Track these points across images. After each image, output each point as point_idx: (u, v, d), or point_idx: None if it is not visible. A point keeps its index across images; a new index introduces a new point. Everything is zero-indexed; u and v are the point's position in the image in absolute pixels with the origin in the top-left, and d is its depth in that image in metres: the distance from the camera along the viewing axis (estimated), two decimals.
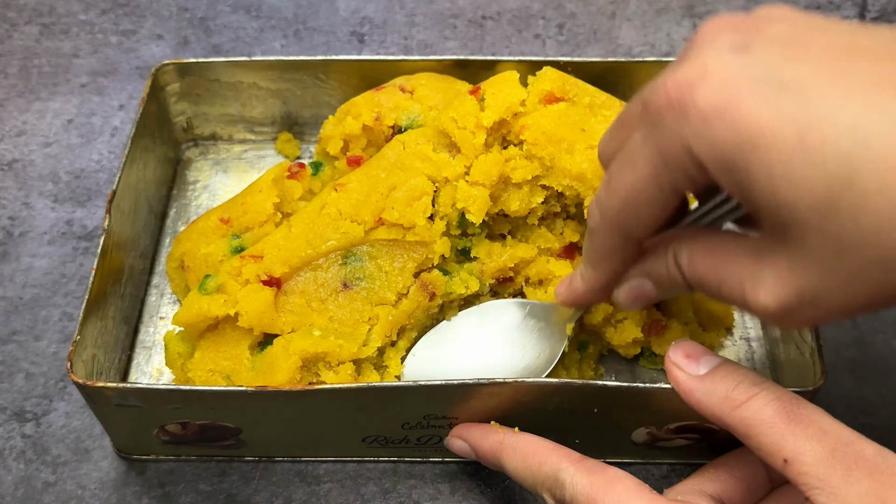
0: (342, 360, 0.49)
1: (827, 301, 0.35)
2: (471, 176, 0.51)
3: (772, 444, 0.38)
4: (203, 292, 0.50)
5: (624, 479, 0.41)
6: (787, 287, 0.36)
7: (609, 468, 0.42)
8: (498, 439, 0.47)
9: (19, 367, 0.58)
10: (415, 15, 0.80)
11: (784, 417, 0.38)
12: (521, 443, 0.46)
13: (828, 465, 0.37)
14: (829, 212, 0.33)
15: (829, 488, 0.36)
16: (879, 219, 0.32)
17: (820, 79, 0.33)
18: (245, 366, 0.50)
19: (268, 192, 0.55)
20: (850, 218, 0.32)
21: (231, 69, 0.63)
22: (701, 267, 0.39)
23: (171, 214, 0.65)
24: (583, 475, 0.42)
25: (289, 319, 0.50)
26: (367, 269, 0.51)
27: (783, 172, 0.33)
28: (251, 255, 0.51)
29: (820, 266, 0.34)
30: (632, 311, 0.52)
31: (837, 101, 0.33)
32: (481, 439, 0.48)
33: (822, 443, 0.37)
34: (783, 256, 0.36)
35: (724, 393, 0.40)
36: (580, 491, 0.41)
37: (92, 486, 0.53)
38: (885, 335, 0.59)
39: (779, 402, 0.39)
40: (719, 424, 0.41)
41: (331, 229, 0.51)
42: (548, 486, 0.43)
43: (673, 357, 0.42)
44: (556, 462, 0.43)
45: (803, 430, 0.38)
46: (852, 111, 0.32)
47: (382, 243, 0.51)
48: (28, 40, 0.78)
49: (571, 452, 0.44)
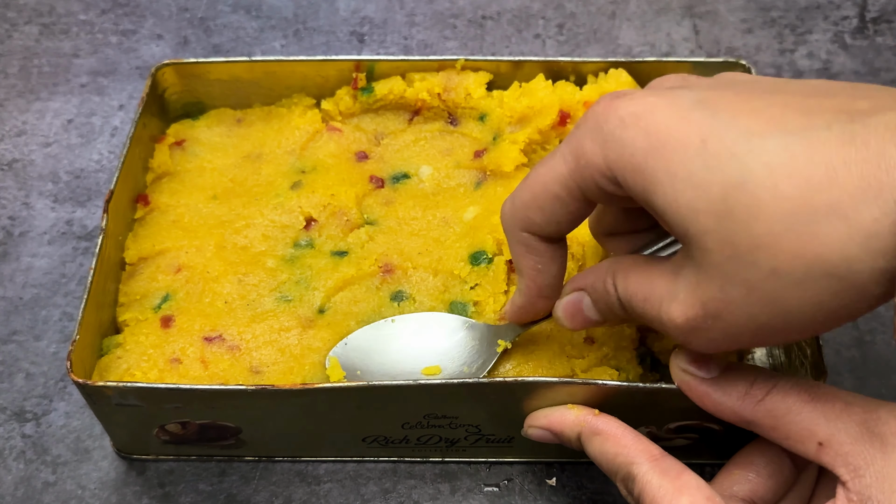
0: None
1: (730, 315, 0.35)
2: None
3: (803, 430, 0.38)
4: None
5: (693, 491, 0.40)
6: (693, 300, 0.36)
7: (684, 473, 0.41)
8: (578, 422, 0.45)
9: (19, 367, 0.58)
10: (415, 15, 0.80)
11: (808, 400, 0.38)
12: (600, 427, 0.45)
13: (865, 443, 0.36)
14: (725, 215, 0.33)
15: (873, 467, 0.36)
16: (772, 224, 0.32)
17: (735, 102, 0.35)
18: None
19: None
20: (743, 221, 0.33)
21: (231, 69, 0.63)
22: (631, 284, 0.40)
23: None
24: (656, 475, 0.41)
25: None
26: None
27: (685, 175, 0.34)
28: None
29: (720, 275, 0.35)
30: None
31: (742, 113, 0.34)
32: (561, 425, 0.46)
33: (852, 416, 0.37)
34: (692, 269, 0.36)
35: (743, 390, 0.40)
36: (648, 491, 0.40)
37: (92, 486, 0.53)
38: (885, 335, 0.59)
39: (798, 387, 0.39)
40: (739, 423, 0.40)
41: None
42: (621, 477, 0.43)
43: (680, 364, 0.42)
44: (633, 456, 0.42)
45: (830, 408, 0.38)
46: (754, 121, 0.34)
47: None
48: (28, 40, 0.78)
49: (651, 446, 0.43)
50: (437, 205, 0.58)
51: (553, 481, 0.53)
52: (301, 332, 0.52)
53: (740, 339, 0.37)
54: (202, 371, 0.51)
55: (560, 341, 0.51)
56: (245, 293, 0.54)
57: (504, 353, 0.50)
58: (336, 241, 0.56)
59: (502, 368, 0.51)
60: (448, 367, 0.50)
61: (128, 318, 0.54)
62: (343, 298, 0.54)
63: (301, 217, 0.57)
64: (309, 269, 0.55)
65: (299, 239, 0.56)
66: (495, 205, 0.55)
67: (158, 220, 0.58)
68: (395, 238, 0.56)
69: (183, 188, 0.60)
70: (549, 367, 0.51)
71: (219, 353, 0.51)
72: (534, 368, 0.50)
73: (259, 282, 0.55)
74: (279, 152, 0.61)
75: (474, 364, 0.50)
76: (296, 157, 0.61)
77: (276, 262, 0.55)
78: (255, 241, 0.56)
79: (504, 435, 0.51)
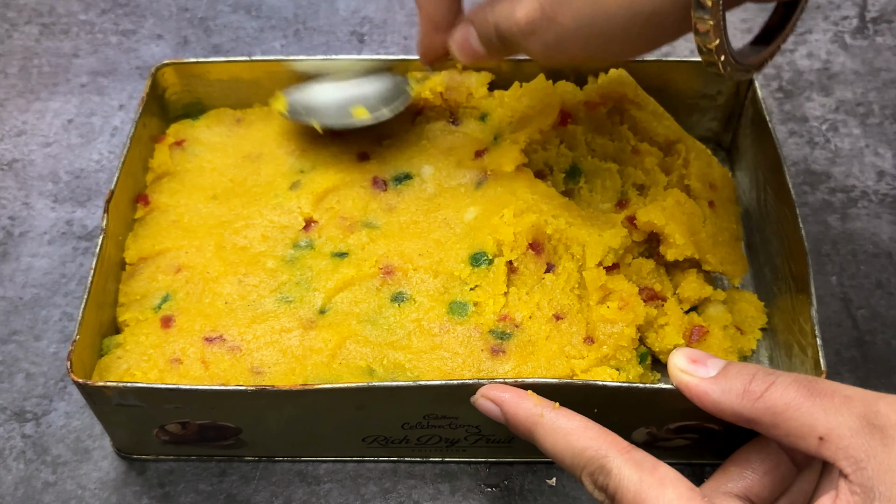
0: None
1: (561, 16, 0.43)
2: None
3: (803, 425, 0.38)
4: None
5: (675, 482, 0.39)
6: (534, 2, 0.44)
7: (659, 465, 0.40)
8: (536, 412, 0.44)
9: (19, 367, 0.58)
10: (415, 15, 0.80)
11: (808, 396, 0.38)
12: (562, 421, 0.43)
13: (866, 435, 0.36)
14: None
15: (874, 459, 0.36)
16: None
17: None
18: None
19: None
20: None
21: (231, 69, 0.63)
22: (500, 6, 0.46)
23: None
24: (631, 469, 0.40)
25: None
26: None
27: None
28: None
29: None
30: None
31: None
32: (516, 407, 0.45)
33: (852, 410, 0.37)
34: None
35: (742, 388, 0.40)
36: (627, 486, 0.40)
37: (92, 486, 0.53)
38: (885, 335, 0.59)
39: (798, 383, 0.39)
40: (739, 422, 0.40)
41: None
42: (589, 472, 0.41)
43: (678, 364, 0.42)
44: (603, 448, 0.41)
45: (830, 403, 0.38)
46: None
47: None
48: (28, 40, 0.78)
49: (618, 439, 0.42)
50: (438, 206, 0.58)
51: (553, 481, 0.53)
52: (302, 332, 0.52)
53: (570, 44, 0.44)
54: (203, 371, 0.51)
55: (560, 342, 0.51)
56: (245, 294, 0.54)
57: (507, 347, 0.51)
58: (336, 243, 0.56)
59: (502, 369, 0.51)
60: (371, 108, 0.59)
61: (128, 318, 0.54)
62: (343, 299, 0.54)
63: (300, 218, 0.57)
64: (309, 269, 0.55)
65: (299, 240, 0.56)
66: (496, 205, 0.55)
67: (158, 220, 0.58)
68: (395, 240, 0.56)
69: (183, 188, 0.60)
70: (549, 367, 0.51)
71: (219, 353, 0.51)
72: (533, 369, 0.50)
73: (259, 282, 0.55)
74: (279, 152, 0.61)
75: (391, 104, 0.59)
76: (295, 158, 0.61)
77: (276, 263, 0.55)
78: (255, 241, 0.56)
79: (504, 435, 0.51)
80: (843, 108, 0.72)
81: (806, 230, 0.53)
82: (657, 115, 0.61)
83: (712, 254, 0.55)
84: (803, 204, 0.66)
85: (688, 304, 0.55)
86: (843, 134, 0.70)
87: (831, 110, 0.72)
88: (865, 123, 0.71)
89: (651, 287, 0.54)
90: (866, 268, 0.62)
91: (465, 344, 0.52)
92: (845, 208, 0.66)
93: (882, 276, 0.62)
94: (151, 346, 0.52)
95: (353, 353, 0.52)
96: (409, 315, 0.53)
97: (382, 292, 0.54)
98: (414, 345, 0.52)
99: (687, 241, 0.53)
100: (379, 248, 0.56)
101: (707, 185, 0.59)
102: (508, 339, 0.52)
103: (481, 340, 0.52)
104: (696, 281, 0.55)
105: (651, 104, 0.61)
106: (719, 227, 0.58)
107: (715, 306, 0.56)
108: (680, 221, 0.53)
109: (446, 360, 0.51)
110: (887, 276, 0.62)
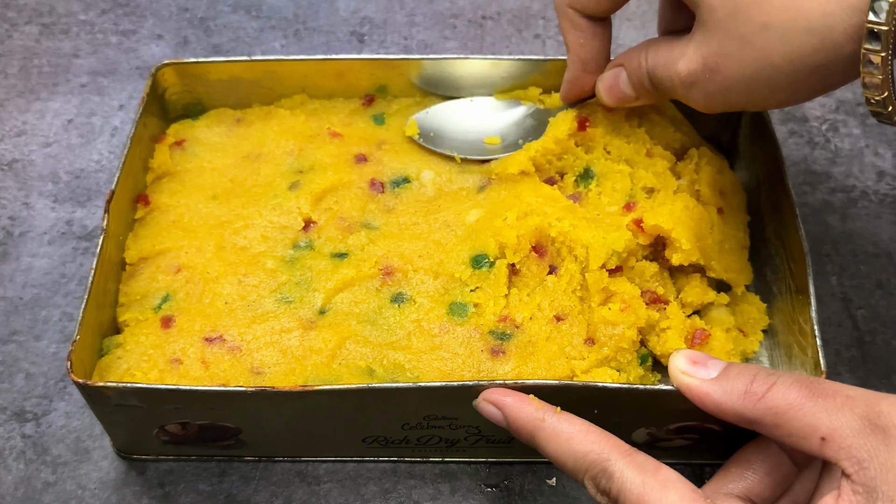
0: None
1: (725, 69, 0.43)
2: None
3: (805, 425, 0.38)
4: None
5: (678, 484, 0.39)
6: (696, 56, 0.44)
7: (661, 468, 0.40)
8: (537, 416, 0.44)
9: (19, 367, 0.58)
10: (415, 15, 0.80)
11: (809, 396, 0.38)
12: (564, 425, 0.43)
13: (868, 435, 0.36)
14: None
15: (876, 459, 0.36)
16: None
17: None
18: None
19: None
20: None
21: (231, 69, 0.63)
22: (656, 55, 0.48)
23: None
24: (634, 471, 0.40)
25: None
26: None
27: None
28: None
29: (720, 32, 0.42)
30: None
31: None
32: (518, 411, 0.45)
33: (854, 410, 0.37)
34: (699, 31, 0.44)
35: (743, 389, 0.40)
36: (630, 488, 0.40)
37: (92, 486, 0.53)
38: (885, 335, 0.59)
39: (799, 383, 0.39)
40: (741, 423, 0.40)
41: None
42: (592, 475, 0.42)
43: (679, 365, 0.42)
44: (605, 452, 0.41)
45: (832, 403, 0.38)
46: None
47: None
48: (28, 40, 0.78)
49: (620, 443, 0.42)
50: (438, 208, 0.58)
51: (553, 481, 0.53)
52: (302, 333, 0.52)
53: (733, 94, 0.44)
54: (203, 372, 0.51)
55: (560, 343, 0.51)
56: (245, 294, 0.54)
57: (507, 347, 0.51)
58: (335, 244, 0.56)
59: (502, 369, 0.51)
60: (506, 139, 0.59)
61: (128, 318, 0.54)
62: (343, 299, 0.54)
63: (300, 218, 0.57)
64: (309, 270, 0.55)
65: (298, 240, 0.56)
66: (498, 208, 0.55)
67: (158, 220, 0.58)
68: (395, 241, 0.56)
69: (183, 188, 0.60)
70: (549, 368, 0.51)
71: (219, 353, 0.51)
72: (533, 370, 0.50)
73: (259, 283, 0.55)
74: (278, 152, 0.61)
75: (529, 137, 0.58)
76: (294, 158, 0.61)
77: (276, 264, 0.55)
78: (255, 241, 0.56)
79: (504, 435, 0.51)
80: (843, 108, 0.72)
81: (806, 230, 0.53)
82: (676, 121, 0.60)
83: (717, 261, 0.55)
84: (803, 204, 0.66)
85: (690, 308, 0.55)
86: (843, 134, 0.70)
87: (831, 110, 0.72)
88: (865, 123, 0.71)
89: (654, 290, 0.53)
90: (866, 268, 0.62)
91: (465, 344, 0.52)
92: (845, 208, 0.66)
93: (882, 276, 0.62)
94: (151, 346, 0.52)
95: (353, 353, 0.52)
96: (409, 316, 0.53)
97: (382, 293, 0.54)
98: (414, 345, 0.52)
99: (693, 247, 0.53)
100: (379, 248, 0.56)
101: (717, 192, 0.58)
102: (508, 339, 0.52)
103: (481, 341, 0.52)
104: (699, 286, 0.55)
105: (671, 109, 0.61)
106: (726, 235, 0.58)
107: (718, 309, 0.56)
108: (687, 226, 0.53)
109: (446, 361, 0.51)
110: (887, 276, 0.62)
